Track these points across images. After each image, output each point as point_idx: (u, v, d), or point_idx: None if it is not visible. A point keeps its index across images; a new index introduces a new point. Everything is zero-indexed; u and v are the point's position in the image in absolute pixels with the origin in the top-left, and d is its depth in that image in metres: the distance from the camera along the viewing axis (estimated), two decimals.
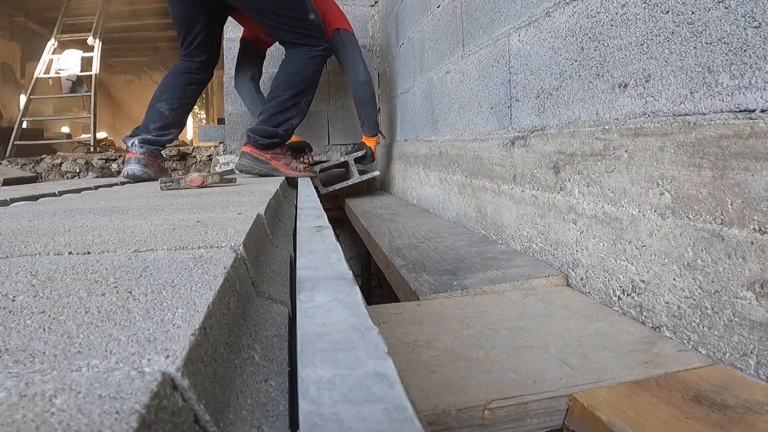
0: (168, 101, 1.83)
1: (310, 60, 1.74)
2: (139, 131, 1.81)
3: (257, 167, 1.79)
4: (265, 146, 1.78)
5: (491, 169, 1.16)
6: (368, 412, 0.20)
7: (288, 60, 1.76)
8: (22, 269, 0.40)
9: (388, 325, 0.68)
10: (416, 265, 0.97)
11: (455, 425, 0.46)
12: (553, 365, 0.54)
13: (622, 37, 0.69)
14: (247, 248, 0.48)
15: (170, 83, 1.86)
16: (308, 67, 1.74)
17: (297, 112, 1.79)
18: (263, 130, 1.77)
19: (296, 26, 1.70)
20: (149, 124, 1.81)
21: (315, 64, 1.76)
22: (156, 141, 1.80)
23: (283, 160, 1.85)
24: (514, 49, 1.02)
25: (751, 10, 0.50)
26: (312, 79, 1.77)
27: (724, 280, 0.53)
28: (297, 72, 1.74)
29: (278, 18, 1.68)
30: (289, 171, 1.85)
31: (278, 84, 1.77)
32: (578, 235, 0.80)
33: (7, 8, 5.66)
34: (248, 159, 1.78)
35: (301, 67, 1.74)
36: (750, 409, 0.44)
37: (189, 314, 0.29)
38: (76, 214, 0.76)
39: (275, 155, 1.82)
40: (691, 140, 0.57)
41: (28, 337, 0.26)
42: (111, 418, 0.18)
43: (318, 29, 1.75)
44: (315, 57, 1.75)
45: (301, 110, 1.80)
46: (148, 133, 1.79)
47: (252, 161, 1.79)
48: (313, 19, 1.72)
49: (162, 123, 1.81)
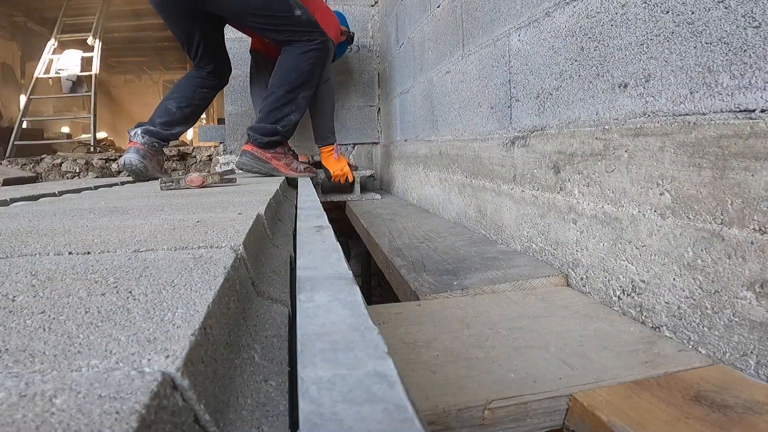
0: (177, 99, 1.85)
1: (305, 54, 1.72)
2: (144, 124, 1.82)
3: (257, 166, 1.77)
4: (265, 145, 1.77)
5: (491, 169, 1.16)
6: (368, 412, 0.20)
7: (283, 56, 1.75)
8: (22, 269, 0.40)
9: (388, 325, 0.68)
10: (416, 265, 0.97)
11: (455, 425, 0.46)
12: (553, 365, 0.54)
13: (622, 37, 0.69)
14: (247, 248, 0.48)
15: (183, 84, 1.89)
16: (303, 62, 1.72)
17: (295, 107, 1.76)
18: (262, 128, 1.76)
19: (283, 25, 1.68)
20: (155, 118, 1.83)
21: (311, 58, 1.73)
22: (158, 134, 1.80)
23: (284, 159, 1.83)
24: (514, 49, 1.02)
25: (751, 10, 0.50)
26: (309, 74, 1.74)
27: (724, 280, 0.53)
28: (292, 68, 1.72)
29: (261, 20, 1.67)
30: (289, 171, 1.83)
31: (274, 81, 1.76)
32: (578, 235, 0.80)
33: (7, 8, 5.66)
34: (248, 157, 1.77)
35: (296, 62, 1.72)
36: (750, 409, 0.44)
37: (189, 314, 0.29)
38: (76, 214, 0.76)
39: (276, 155, 1.81)
40: (691, 140, 0.57)
41: (28, 337, 0.26)
42: (111, 418, 0.18)
43: (308, 24, 1.71)
44: (310, 51, 1.72)
45: (299, 105, 1.76)
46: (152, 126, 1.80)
47: (252, 160, 1.77)
48: (300, 15, 1.68)
49: (168, 119, 1.83)
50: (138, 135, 1.78)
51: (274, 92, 1.75)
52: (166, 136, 1.83)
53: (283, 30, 1.69)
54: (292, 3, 1.68)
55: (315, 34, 1.73)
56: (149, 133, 1.79)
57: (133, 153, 1.75)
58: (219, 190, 1.20)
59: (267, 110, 1.75)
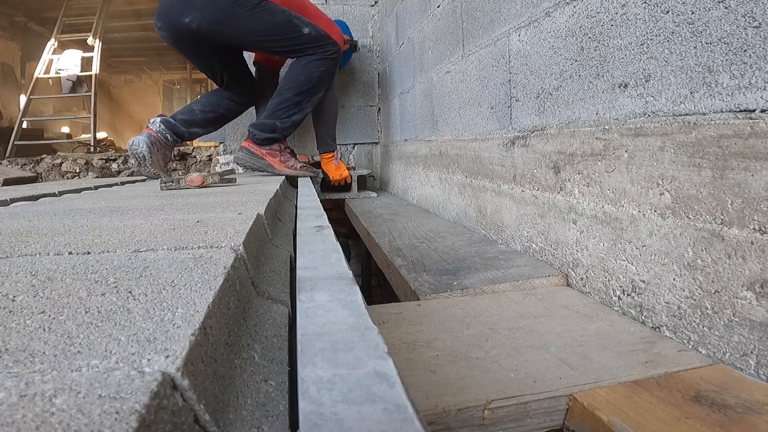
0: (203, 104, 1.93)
1: (317, 62, 1.75)
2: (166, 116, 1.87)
3: (251, 161, 1.81)
4: (261, 141, 1.80)
5: (491, 169, 1.16)
6: (368, 412, 0.20)
7: (296, 62, 1.79)
8: (22, 269, 0.40)
9: (388, 325, 0.68)
10: (416, 264, 0.97)
11: (455, 425, 0.46)
12: (553, 365, 0.54)
13: (622, 37, 0.69)
14: (247, 248, 0.48)
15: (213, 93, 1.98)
16: (314, 68, 1.75)
17: (299, 109, 1.80)
18: (262, 124, 1.80)
19: (295, 44, 1.73)
20: (177, 114, 1.89)
21: (323, 65, 1.76)
22: (175, 127, 1.84)
23: (279, 156, 1.85)
24: (514, 49, 1.02)
25: (751, 10, 0.50)
26: (319, 80, 1.77)
27: (724, 280, 0.53)
28: (303, 72, 1.76)
29: (276, 44, 1.73)
30: (284, 168, 1.84)
31: (284, 83, 1.79)
32: (578, 235, 0.80)
33: (7, 8, 5.66)
34: (244, 153, 1.83)
35: (308, 68, 1.75)
36: (750, 409, 0.44)
37: (189, 314, 0.29)
38: (76, 214, 0.76)
39: (271, 151, 1.83)
40: (691, 140, 0.57)
41: (28, 337, 0.26)
42: (111, 418, 0.18)
43: (319, 39, 1.75)
44: (323, 59, 1.76)
45: (302, 108, 1.80)
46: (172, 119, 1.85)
47: (247, 155, 1.82)
48: (309, 32, 1.72)
49: (189, 117, 1.89)
50: (156, 123, 1.83)
51: (282, 93, 1.78)
52: (182, 132, 1.87)
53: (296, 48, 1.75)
54: (298, 23, 1.72)
55: (328, 45, 1.77)
56: (166, 124, 1.83)
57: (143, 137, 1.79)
58: (219, 190, 1.21)
59: (272, 109, 1.79)
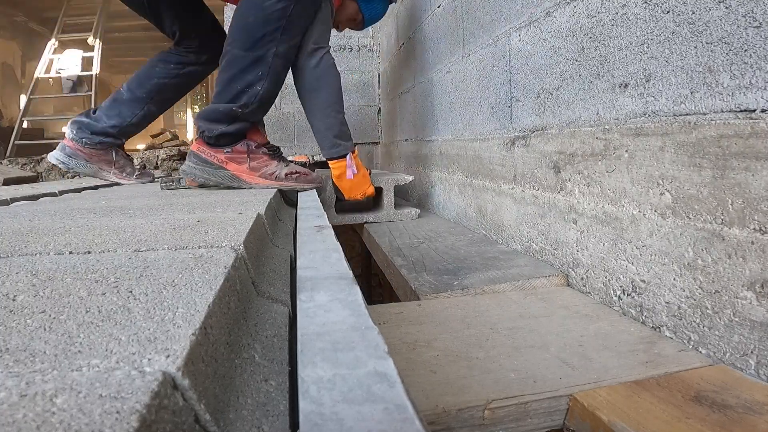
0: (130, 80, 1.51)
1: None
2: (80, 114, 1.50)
3: (206, 173, 1.18)
4: (216, 140, 1.17)
5: (491, 168, 1.16)
6: (368, 411, 0.20)
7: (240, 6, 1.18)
8: (23, 269, 0.40)
9: (389, 324, 0.68)
10: (417, 264, 0.97)
11: (455, 425, 0.46)
12: (553, 365, 0.54)
13: (623, 37, 0.68)
14: (247, 248, 0.48)
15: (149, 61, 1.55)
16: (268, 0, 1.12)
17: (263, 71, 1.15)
18: (212, 112, 1.16)
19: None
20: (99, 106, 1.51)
21: None
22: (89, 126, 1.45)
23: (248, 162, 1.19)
24: (515, 49, 1.02)
25: (752, 10, 0.50)
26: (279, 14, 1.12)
27: (724, 280, 0.53)
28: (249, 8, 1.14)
29: None
30: (257, 179, 1.19)
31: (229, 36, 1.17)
32: (578, 235, 0.80)
33: (8, 8, 5.66)
34: (193, 161, 1.19)
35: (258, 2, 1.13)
36: (750, 409, 0.44)
37: (189, 314, 0.29)
38: (77, 213, 0.76)
39: (233, 155, 1.18)
40: (691, 140, 0.57)
41: (28, 336, 0.26)
42: (111, 417, 0.18)
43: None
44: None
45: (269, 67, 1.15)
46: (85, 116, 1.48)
47: (197, 164, 1.18)
48: None
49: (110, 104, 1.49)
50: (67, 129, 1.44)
51: (224, 55, 1.17)
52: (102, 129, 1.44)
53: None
54: None
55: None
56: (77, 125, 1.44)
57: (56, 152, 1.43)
58: (219, 189, 1.20)
59: (222, 82, 1.16)
